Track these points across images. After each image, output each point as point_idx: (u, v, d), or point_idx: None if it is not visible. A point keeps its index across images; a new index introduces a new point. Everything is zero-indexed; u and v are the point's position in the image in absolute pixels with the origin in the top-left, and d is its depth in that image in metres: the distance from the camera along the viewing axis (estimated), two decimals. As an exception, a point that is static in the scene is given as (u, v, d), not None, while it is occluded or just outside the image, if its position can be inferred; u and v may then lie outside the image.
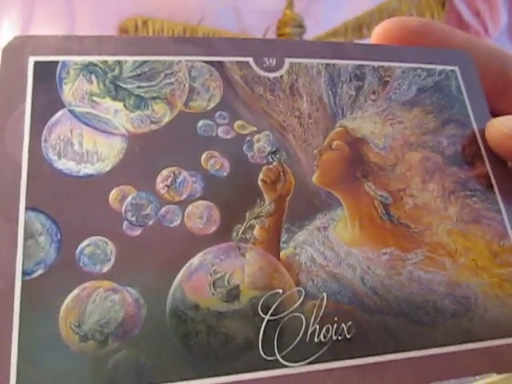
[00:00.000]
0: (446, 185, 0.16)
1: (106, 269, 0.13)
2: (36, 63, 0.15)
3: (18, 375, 0.12)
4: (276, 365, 0.13)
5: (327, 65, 0.17)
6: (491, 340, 0.14)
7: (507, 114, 0.18)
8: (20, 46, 0.15)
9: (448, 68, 0.18)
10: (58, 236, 0.13)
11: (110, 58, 0.15)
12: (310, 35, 0.60)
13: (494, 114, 0.18)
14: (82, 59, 0.15)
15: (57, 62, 0.15)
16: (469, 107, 0.18)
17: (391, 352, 0.14)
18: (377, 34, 0.18)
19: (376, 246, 0.15)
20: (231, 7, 0.62)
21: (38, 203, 0.14)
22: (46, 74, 0.15)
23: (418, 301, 0.14)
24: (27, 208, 0.13)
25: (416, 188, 0.16)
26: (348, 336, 0.14)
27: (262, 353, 0.13)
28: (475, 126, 0.18)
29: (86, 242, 0.14)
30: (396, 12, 0.62)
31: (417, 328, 0.14)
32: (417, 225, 0.15)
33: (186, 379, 0.13)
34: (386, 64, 0.17)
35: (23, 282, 0.13)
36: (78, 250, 0.14)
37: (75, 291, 0.13)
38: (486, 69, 0.19)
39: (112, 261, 0.14)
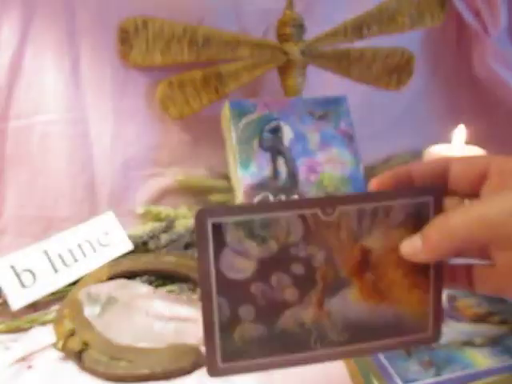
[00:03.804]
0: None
1: None
2: (212, 223, 0.27)
3: None
4: None
5: (358, 209, 0.29)
6: None
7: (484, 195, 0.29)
8: (203, 212, 0.27)
9: (425, 199, 0.30)
10: None
11: (250, 217, 0.28)
12: (310, 35, 0.60)
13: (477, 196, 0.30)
14: (236, 219, 0.28)
15: (221, 223, 0.27)
16: None
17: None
18: (373, 186, 0.31)
19: (365, 301, 0.30)
20: (231, 7, 0.62)
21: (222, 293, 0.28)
22: (217, 228, 0.27)
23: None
24: (218, 294, 0.28)
25: (391, 273, 0.30)
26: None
27: None
28: None
29: None
30: (396, 12, 0.62)
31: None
32: (386, 290, 0.30)
33: None
34: (390, 203, 0.29)
35: None
36: None
37: None
38: (466, 172, 0.30)
39: None
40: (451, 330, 0.38)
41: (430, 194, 0.30)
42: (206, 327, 0.28)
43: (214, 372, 0.29)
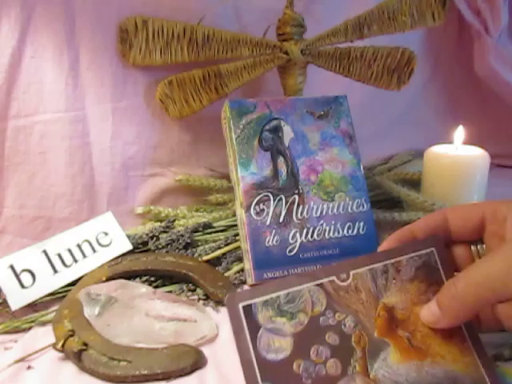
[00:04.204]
0: None
1: None
2: (243, 306, 0.29)
3: None
4: None
5: (370, 269, 0.31)
6: None
7: (488, 243, 0.33)
8: (232, 297, 0.30)
9: (429, 250, 0.32)
10: None
11: (275, 295, 0.30)
12: (310, 35, 0.60)
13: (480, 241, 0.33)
14: (262, 299, 0.30)
15: (250, 304, 0.30)
16: (441, 271, 0.32)
17: None
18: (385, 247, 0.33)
19: (408, 360, 0.30)
20: (231, 7, 0.62)
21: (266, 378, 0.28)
22: (248, 311, 0.29)
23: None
24: (262, 381, 0.28)
25: (421, 326, 0.31)
26: None
27: None
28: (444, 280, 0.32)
29: None
30: (396, 12, 0.62)
31: None
32: (423, 345, 0.30)
33: None
34: (397, 259, 0.32)
35: None
36: None
37: None
38: (464, 223, 0.33)
39: None
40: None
41: (431, 245, 0.32)
42: None
43: None
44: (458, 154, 0.58)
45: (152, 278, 0.48)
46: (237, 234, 0.54)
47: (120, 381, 0.36)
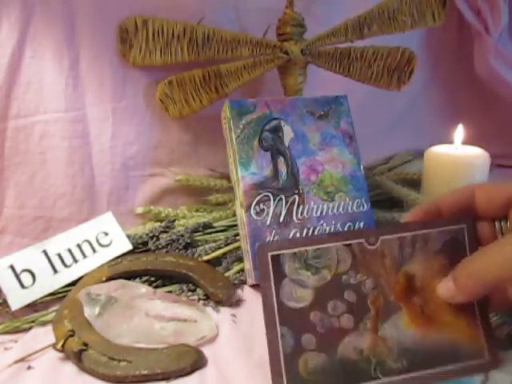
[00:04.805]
0: None
1: None
2: (271, 255, 0.32)
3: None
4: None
5: (399, 237, 0.33)
6: None
7: None
8: (263, 246, 0.32)
9: (459, 226, 0.33)
10: None
11: (304, 249, 0.32)
12: (310, 34, 0.60)
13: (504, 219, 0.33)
14: (291, 251, 0.32)
15: (279, 255, 0.32)
16: (467, 249, 0.34)
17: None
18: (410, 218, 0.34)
19: (416, 326, 0.32)
20: (231, 6, 0.62)
21: (284, 322, 0.31)
22: (276, 260, 0.32)
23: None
24: (280, 324, 0.31)
25: (436, 298, 0.32)
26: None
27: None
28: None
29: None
30: (396, 11, 0.62)
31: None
32: (434, 314, 0.33)
33: None
34: (428, 231, 0.33)
35: None
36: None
37: None
38: (492, 199, 0.33)
39: None
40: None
41: (463, 222, 0.33)
42: (272, 356, 0.31)
43: None
44: (458, 153, 0.58)
45: (152, 278, 0.48)
46: (237, 234, 0.54)
47: (120, 381, 0.36)
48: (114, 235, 0.52)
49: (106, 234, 0.52)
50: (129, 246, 0.52)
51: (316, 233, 0.47)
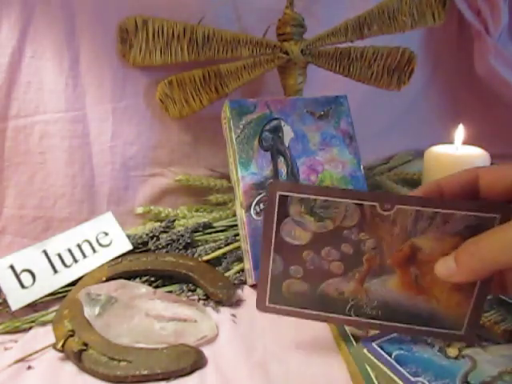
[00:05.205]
0: None
1: None
2: (280, 195, 0.32)
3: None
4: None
5: (417, 210, 0.31)
6: None
7: None
8: (275, 184, 0.33)
9: (492, 215, 0.30)
10: None
11: (312, 197, 0.32)
12: (310, 34, 0.60)
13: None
14: (300, 196, 0.32)
15: (287, 196, 0.32)
16: None
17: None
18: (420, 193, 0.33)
19: (404, 291, 0.33)
20: (231, 7, 0.62)
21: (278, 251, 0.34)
22: (283, 200, 0.32)
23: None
24: (274, 251, 0.34)
25: (432, 271, 0.31)
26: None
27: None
28: None
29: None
30: (396, 12, 0.62)
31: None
32: (427, 285, 0.33)
33: None
34: (451, 211, 0.31)
35: None
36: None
37: None
38: (497, 182, 0.31)
39: None
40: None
41: (498, 211, 0.31)
42: (261, 274, 0.34)
43: (261, 308, 0.35)
44: (458, 153, 0.58)
45: (152, 278, 0.48)
46: (237, 234, 0.54)
47: (120, 381, 0.36)
48: (114, 235, 0.52)
49: (106, 234, 0.52)
50: (129, 246, 0.52)
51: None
